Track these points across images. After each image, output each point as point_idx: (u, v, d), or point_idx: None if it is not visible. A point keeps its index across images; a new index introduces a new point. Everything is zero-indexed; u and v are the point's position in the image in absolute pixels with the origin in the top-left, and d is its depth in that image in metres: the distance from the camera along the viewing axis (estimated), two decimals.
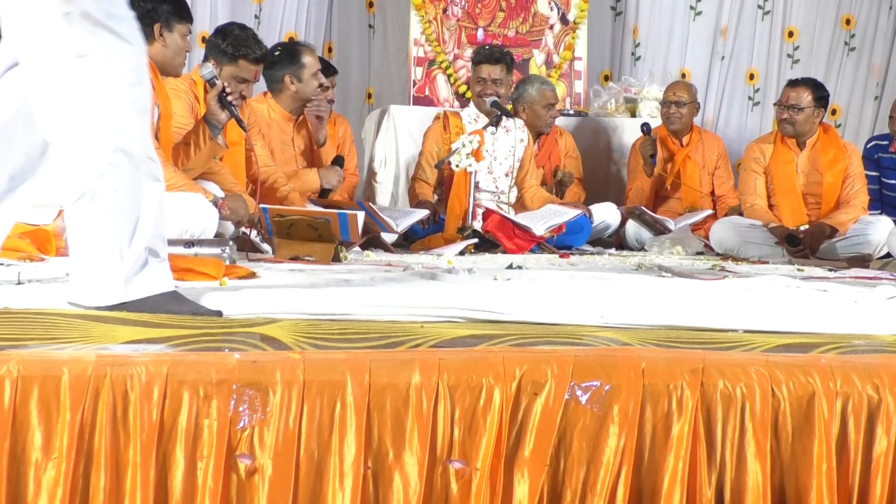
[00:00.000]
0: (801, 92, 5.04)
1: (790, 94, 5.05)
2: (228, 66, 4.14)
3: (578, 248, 4.94)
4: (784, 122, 5.07)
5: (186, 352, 1.81)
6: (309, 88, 4.74)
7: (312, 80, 4.74)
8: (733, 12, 6.62)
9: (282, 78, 4.72)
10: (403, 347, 1.89)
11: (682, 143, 5.69)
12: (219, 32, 4.23)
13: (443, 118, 5.13)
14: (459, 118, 5.10)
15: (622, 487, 1.74)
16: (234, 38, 4.16)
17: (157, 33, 3.48)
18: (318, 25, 6.41)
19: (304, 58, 4.74)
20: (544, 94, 5.48)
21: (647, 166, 5.56)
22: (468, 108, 5.16)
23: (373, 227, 4.33)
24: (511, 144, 5.08)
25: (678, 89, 5.72)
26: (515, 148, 5.10)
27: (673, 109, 5.62)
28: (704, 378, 1.78)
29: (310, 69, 4.73)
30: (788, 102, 5.04)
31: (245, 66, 4.18)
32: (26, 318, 2.04)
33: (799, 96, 5.02)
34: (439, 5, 6.04)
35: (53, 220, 3.33)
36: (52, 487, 1.65)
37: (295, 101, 4.77)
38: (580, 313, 2.24)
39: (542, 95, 5.48)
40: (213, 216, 3.37)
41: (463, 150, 4.71)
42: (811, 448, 1.77)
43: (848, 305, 2.54)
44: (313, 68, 4.74)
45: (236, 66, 4.16)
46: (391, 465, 1.72)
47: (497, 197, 5.07)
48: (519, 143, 5.15)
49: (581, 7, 6.18)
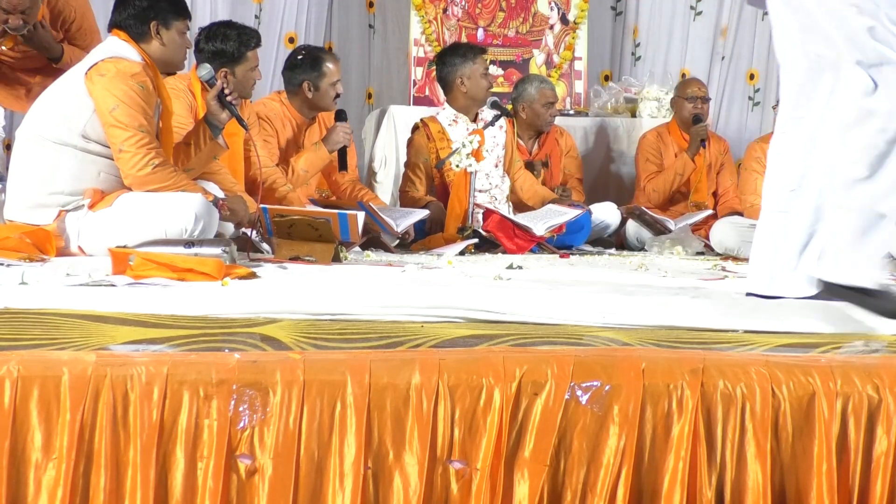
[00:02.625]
0: None
1: None
2: (238, 65, 4.15)
3: (578, 248, 4.94)
4: None
5: (186, 352, 1.81)
6: (326, 99, 4.69)
7: (330, 90, 4.69)
8: (733, 12, 6.61)
9: (300, 83, 4.67)
10: (403, 347, 1.89)
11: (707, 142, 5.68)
12: (210, 38, 4.21)
13: (423, 127, 5.07)
14: (438, 122, 5.07)
15: (622, 488, 1.74)
16: (232, 37, 4.15)
17: (154, 31, 3.46)
18: (318, 25, 6.40)
19: (326, 66, 4.69)
20: (543, 92, 5.48)
21: (693, 150, 5.55)
22: (444, 110, 5.12)
23: (373, 227, 4.33)
24: (493, 134, 5.06)
25: (700, 84, 5.72)
26: (497, 136, 5.09)
27: (700, 105, 5.62)
28: (704, 378, 1.78)
29: (329, 78, 4.68)
30: None
31: (252, 56, 4.23)
32: (26, 318, 2.04)
33: None
34: (439, 5, 6.04)
35: (53, 220, 3.33)
36: (52, 487, 1.65)
37: (309, 107, 4.73)
38: (580, 313, 2.24)
39: (542, 94, 5.48)
40: (213, 216, 3.36)
41: (463, 150, 4.70)
42: (811, 448, 1.77)
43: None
44: (333, 78, 4.69)
45: (246, 61, 4.18)
46: (391, 465, 1.73)
47: (491, 192, 5.06)
48: (499, 129, 5.13)
49: (581, 7, 6.18)
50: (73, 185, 3.35)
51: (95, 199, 3.35)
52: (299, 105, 4.71)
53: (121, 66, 3.35)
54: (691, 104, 5.58)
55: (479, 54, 5.03)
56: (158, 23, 3.47)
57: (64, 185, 3.34)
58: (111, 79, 3.32)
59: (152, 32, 3.46)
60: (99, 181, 3.37)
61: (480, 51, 5.09)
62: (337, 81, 4.71)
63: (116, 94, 3.30)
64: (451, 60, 5.03)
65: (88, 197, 3.34)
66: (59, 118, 3.35)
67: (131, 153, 3.30)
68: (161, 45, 3.48)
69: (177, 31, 3.52)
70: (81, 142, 3.33)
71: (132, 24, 3.47)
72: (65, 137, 3.33)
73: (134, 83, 3.33)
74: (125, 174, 3.34)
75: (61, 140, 3.33)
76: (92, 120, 3.33)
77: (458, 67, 4.99)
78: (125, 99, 3.30)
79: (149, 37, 3.47)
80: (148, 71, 3.42)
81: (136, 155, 3.30)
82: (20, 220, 3.35)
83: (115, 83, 3.31)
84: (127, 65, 3.36)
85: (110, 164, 3.36)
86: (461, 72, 4.99)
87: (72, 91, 3.37)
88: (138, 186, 3.33)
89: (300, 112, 4.73)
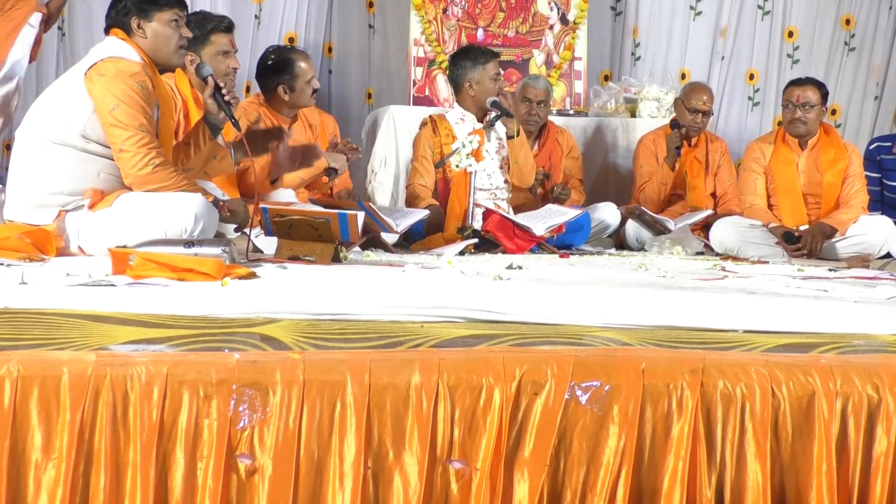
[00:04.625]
0: (809, 90, 5.05)
1: (799, 93, 5.05)
2: (204, 48, 4.09)
3: (578, 248, 4.94)
4: (797, 122, 5.06)
5: (186, 352, 1.81)
6: (303, 97, 4.71)
7: (307, 88, 4.70)
8: (733, 12, 6.61)
9: (274, 87, 4.69)
10: (403, 347, 1.89)
11: (689, 143, 5.68)
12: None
13: (430, 122, 5.09)
14: (446, 120, 5.08)
15: (622, 487, 1.74)
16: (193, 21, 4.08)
17: (136, 26, 3.43)
18: (318, 25, 6.40)
19: (297, 66, 4.69)
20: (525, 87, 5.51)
21: (671, 158, 5.53)
22: (453, 109, 5.13)
23: (373, 227, 4.33)
24: (499, 136, 5.07)
25: (707, 97, 5.62)
26: (503, 139, 5.09)
27: (700, 119, 5.58)
28: (704, 378, 1.78)
29: (303, 77, 4.69)
30: (800, 101, 5.04)
31: (219, 40, 4.14)
32: (26, 318, 2.04)
33: (809, 95, 5.03)
34: (439, 5, 6.04)
35: (53, 220, 3.33)
36: (52, 487, 1.65)
37: (288, 107, 4.75)
38: (580, 313, 2.24)
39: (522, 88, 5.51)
40: (213, 216, 3.36)
41: (463, 150, 4.70)
42: (811, 448, 1.77)
43: (848, 305, 2.54)
44: (307, 76, 4.70)
45: (211, 44, 4.12)
46: (391, 465, 1.73)
47: (493, 194, 5.06)
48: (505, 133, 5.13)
49: (581, 7, 6.18)
50: (73, 185, 3.35)
51: (95, 199, 3.34)
52: (278, 106, 4.73)
53: (120, 65, 3.35)
54: (691, 116, 5.56)
55: (490, 59, 5.01)
56: (139, 16, 3.45)
57: (64, 185, 3.34)
58: (111, 78, 3.32)
59: (133, 28, 3.44)
60: (99, 181, 3.37)
61: (493, 56, 5.06)
62: (312, 78, 4.72)
63: (116, 94, 3.30)
64: (461, 63, 5.04)
65: (88, 197, 3.34)
66: (59, 118, 3.35)
67: (132, 153, 3.30)
68: (143, 38, 3.45)
69: (159, 22, 3.45)
70: (81, 142, 3.33)
71: (120, 20, 3.46)
72: (64, 137, 3.33)
73: (133, 83, 3.33)
74: (125, 174, 3.33)
75: (61, 140, 3.33)
76: (92, 120, 3.33)
77: (467, 71, 5.00)
78: (125, 99, 3.30)
79: (131, 34, 3.45)
80: (147, 70, 3.42)
81: (137, 155, 3.30)
82: (20, 220, 3.35)
83: (114, 83, 3.31)
84: (126, 64, 3.36)
85: (110, 164, 3.36)
86: (470, 76, 4.99)
87: (71, 91, 3.37)
88: (139, 186, 3.33)
89: (280, 113, 4.74)
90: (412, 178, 5.10)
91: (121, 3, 3.47)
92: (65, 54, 5.91)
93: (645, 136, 5.76)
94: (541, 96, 5.49)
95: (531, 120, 5.48)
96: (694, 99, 5.58)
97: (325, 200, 4.68)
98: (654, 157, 5.65)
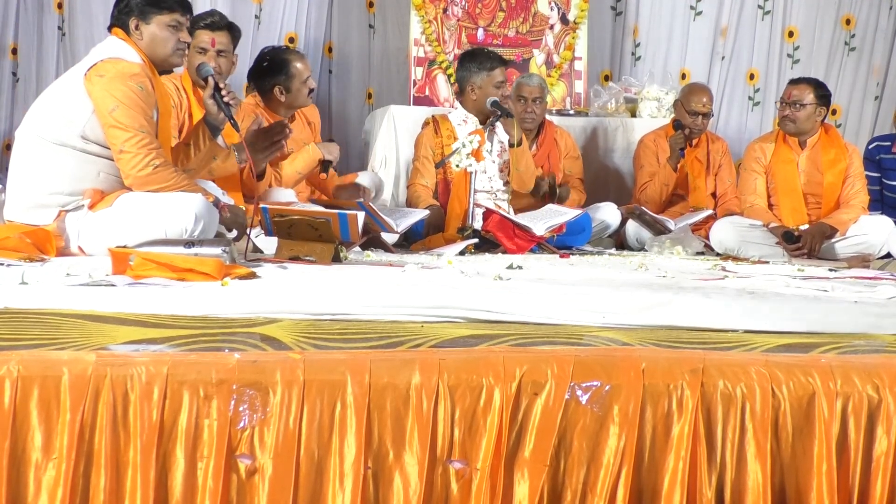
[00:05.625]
0: (803, 89, 5.06)
1: (792, 91, 5.07)
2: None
3: (578, 248, 4.94)
4: (785, 119, 5.08)
5: (186, 352, 1.81)
6: (300, 98, 4.70)
7: (303, 89, 4.70)
8: (733, 12, 6.61)
9: (271, 88, 4.68)
10: (403, 347, 1.89)
11: (690, 144, 5.68)
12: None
13: (433, 122, 5.09)
14: (449, 121, 5.07)
15: (622, 488, 1.74)
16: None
17: (134, 27, 3.43)
18: (318, 25, 6.40)
19: (293, 67, 4.68)
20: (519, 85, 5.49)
21: (674, 159, 5.53)
22: (456, 110, 5.13)
23: (373, 227, 4.33)
24: (501, 139, 5.07)
25: (706, 99, 5.62)
26: (505, 143, 5.09)
27: (700, 121, 5.58)
28: (704, 378, 1.78)
29: (299, 78, 4.68)
30: (790, 99, 5.06)
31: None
32: (26, 318, 2.04)
33: (801, 93, 5.05)
34: (439, 5, 6.03)
35: (53, 220, 3.33)
36: (52, 487, 1.65)
37: (285, 108, 4.74)
38: (580, 313, 2.24)
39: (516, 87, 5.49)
40: (213, 216, 3.36)
41: (463, 150, 4.70)
42: (811, 448, 1.77)
43: (848, 305, 2.54)
44: (303, 76, 4.69)
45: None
46: (391, 465, 1.73)
47: (494, 195, 5.06)
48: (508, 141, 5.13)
49: (581, 7, 6.18)
50: (73, 186, 3.35)
51: (95, 199, 3.34)
52: (275, 107, 4.73)
53: (120, 66, 3.34)
54: (691, 118, 5.56)
55: (497, 66, 4.99)
56: (138, 17, 3.45)
57: (64, 185, 3.34)
58: (110, 79, 3.31)
59: (131, 29, 3.44)
60: (99, 181, 3.37)
61: (500, 62, 5.04)
62: (308, 78, 4.71)
63: (116, 95, 3.30)
64: (467, 65, 5.03)
65: (88, 197, 3.34)
66: (59, 119, 3.35)
67: (132, 154, 3.30)
68: (141, 39, 3.45)
69: (158, 25, 3.45)
70: (81, 142, 3.33)
71: (121, 19, 3.46)
72: (64, 138, 3.33)
73: (133, 84, 3.33)
74: (126, 174, 3.33)
75: (61, 140, 3.33)
76: (91, 121, 3.32)
77: (472, 74, 4.99)
78: (125, 100, 3.30)
79: (131, 32, 3.45)
80: (147, 71, 3.41)
81: (137, 155, 3.30)
82: (20, 220, 3.35)
83: (114, 84, 3.31)
84: (126, 65, 3.36)
85: (110, 164, 3.36)
86: (473, 80, 4.98)
87: (71, 92, 3.37)
88: (139, 187, 3.33)
89: (277, 113, 4.73)
90: (413, 178, 5.10)
91: (123, 1, 3.47)
92: (65, 54, 5.91)
93: (645, 136, 5.76)
94: (535, 93, 5.46)
95: (528, 118, 5.45)
96: (693, 101, 5.58)
97: (324, 201, 4.68)
98: (655, 157, 5.65)
